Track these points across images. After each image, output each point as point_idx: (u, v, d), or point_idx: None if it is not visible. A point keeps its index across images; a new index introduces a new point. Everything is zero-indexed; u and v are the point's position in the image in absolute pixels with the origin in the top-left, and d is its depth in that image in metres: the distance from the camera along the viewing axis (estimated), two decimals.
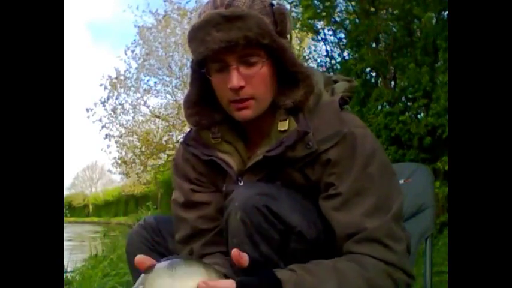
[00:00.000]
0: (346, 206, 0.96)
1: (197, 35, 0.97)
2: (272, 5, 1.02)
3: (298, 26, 7.05)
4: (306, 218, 0.97)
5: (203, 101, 1.08)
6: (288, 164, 1.02)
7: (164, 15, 13.13)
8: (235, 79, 0.97)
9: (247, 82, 0.98)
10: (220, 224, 1.03)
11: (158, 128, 14.24)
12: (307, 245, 0.96)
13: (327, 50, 7.73)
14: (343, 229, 0.95)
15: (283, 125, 1.01)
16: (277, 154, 0.99)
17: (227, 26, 0.93)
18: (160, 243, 1.17)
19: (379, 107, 6.37)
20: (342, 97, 1.07)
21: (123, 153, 14.72)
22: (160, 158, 14.38)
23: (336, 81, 1.13)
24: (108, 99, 13.89)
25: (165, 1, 13.00)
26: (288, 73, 1.02)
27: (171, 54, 13.39)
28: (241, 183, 1.03)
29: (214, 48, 0.94)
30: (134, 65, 13.79)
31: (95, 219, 34.40)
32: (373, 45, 6.81)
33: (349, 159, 0.98)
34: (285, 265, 0.92)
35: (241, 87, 0.97)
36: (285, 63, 1.00)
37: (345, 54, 7.53)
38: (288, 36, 1.04)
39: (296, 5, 7.02)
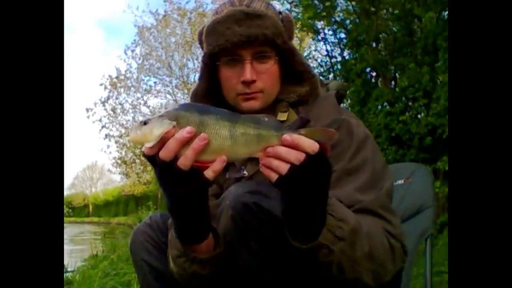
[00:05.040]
0: (339, 184, 0.98)
1: (218, 28, 1.04)
2: (280, 12, 1.12)
3: (298, 26, 7.05)
4: None
5: (209, 95, 1.13)
6: None
7: (164, 15, 13.14)
8: (248, 72, 1.04)
9: (259, 77, 1.06)
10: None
11: None
12: None
13: (327, 50, 7.75)
14: None
15: (282, 116, 1.09)
16: None
17: (248, 23, 1.02)
18: (166, 243, 1.17)
19: (379, 107, 6.38)
20: (337, 91, 1.17)
21: (123, 153, 14.74)
22: None
23: (327, 84, 1.23)
24: (108, 99, 13.91)
25: (165, 1, 13.02)
26: (293, 72, 1.11)
27: (171, 54, 13.40)
28: (244, 172, 1.08)
29: (234, 41, 1.03)
30: (134, 65, 13.83)
31: (95, 219, 34.42)
32: (374, 45, 6.82)
33: (345, 142, 1.03)
34: (276, 261, 0.93)
35: (253, 81, 1.05)
36: (294, 63, 1.10)
37: (345, 54, 7.54)
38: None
39: (296, 5, 7.03)
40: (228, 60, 1.06)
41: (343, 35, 7.42)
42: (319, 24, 7.42)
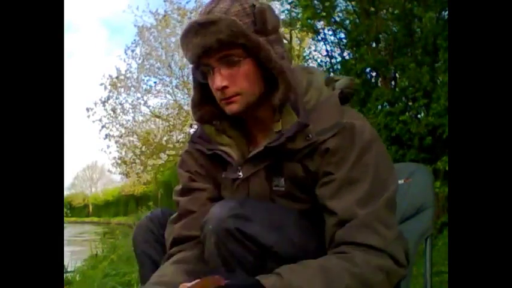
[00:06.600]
0: (339, 194, 0.98)
1: (183, 42, 1.05)
2: (254, 6, 1.05)
3: (298, 26, 7.05)
4: (283, 235, 0.98)
5: (206, 101, 1.14)
6: (287, 156, 1.04)
7: (164, 15, 13.13)
8: (218, 80, 1.03)
9: (231, 81, 1.03)
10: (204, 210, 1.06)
11: (158, 128, 14.23)
12: (285, 263, 0.94)
13: (327, 50, 7.73)
14: (336, 217, 0.97)
15: (278, 126, 1.06)
16: (277, 145, 1.02)
17: (202, 32, 1.00)
18: (164, 236, 1.20)
19: (379, 106, 6.37)
20: (342, 91, 1.11)
21: (123, 153, 14.73)
22: (160, 158, 14.38)
23: (337, 80, 1.17)
24: (108, 98, 13.89)
25: (165, 1, 12.99)
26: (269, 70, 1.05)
27: (171, 54, 13.39)
28: (240, 173, 1.08)
29: (195, 53, 1.02)
30: (134, 65, 13.80)
31: (95, 219, 34.38)
32: (374, 45, 6.81)
33: (347, 148, 1.00)
34: None
35: (225, 87, 1.03)
36: (261, 60, 1.03)
37: (345, 54, 7.53)
38: (275, 35, 1.06)
39: (296, 6, 7.03)
40: (203, 69, 1.06)
41: (343, 35, 7.42)
42: (319, 24, 7.42)
